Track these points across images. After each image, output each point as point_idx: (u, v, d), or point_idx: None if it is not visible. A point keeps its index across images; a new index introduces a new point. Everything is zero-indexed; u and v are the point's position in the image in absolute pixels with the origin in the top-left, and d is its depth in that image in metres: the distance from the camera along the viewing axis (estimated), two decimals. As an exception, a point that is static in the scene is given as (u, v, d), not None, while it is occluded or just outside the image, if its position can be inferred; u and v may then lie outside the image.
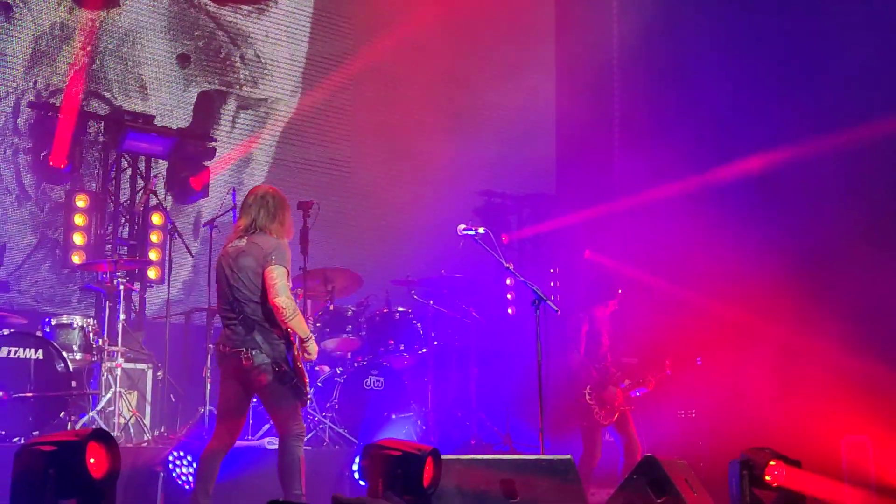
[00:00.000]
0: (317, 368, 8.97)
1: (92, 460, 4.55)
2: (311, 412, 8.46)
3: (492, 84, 12.53)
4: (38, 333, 8.06)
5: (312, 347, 6.14)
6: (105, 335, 8.41)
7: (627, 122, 12.39)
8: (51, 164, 9.67)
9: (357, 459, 7.49)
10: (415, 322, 9.34)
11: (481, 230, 6.95)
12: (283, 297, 5.95)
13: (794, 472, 7.07)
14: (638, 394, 8.14)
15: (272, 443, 7.25)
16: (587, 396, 8.06)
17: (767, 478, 6.89)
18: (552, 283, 11.28)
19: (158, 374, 8.96)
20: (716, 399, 9.94)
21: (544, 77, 13.01)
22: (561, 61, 13.07)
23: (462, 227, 6.94)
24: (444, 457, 5.22)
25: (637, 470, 6.24)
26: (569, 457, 5.84)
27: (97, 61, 10.46)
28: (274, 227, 6.14)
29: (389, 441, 5.35)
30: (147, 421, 8.61)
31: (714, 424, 9.90)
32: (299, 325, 6.06)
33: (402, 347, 9.16)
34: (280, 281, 5.96)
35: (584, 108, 12.41)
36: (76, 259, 9.78)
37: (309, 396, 6.33)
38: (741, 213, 10.30)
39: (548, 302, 6.68)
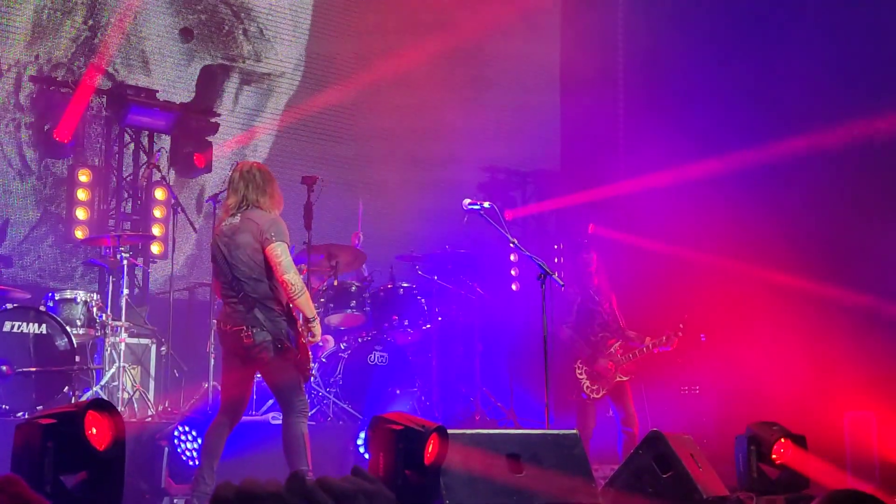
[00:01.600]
0: (320, 343, 8.97)
1: (94, 430, 4.50)
2: (315, 387, 8.46)
3: (496, 60, 12.46)
4: (41, 308, 8.03)
5: (317, 329, 6.12)
6: (108, 310, 8.39)
7: (632, 98, 12.33)
8: (55, 137, 9.61)
9: (362, 434, 7.51)
10: (419, 298, 9.32)
11: (486, 204, 6.92)
12: (291, 274, 5.92)
13: (800, 454, 7.06)
14: (658, 351, 8.06)
15: (276, 418, 7.24)
16: (577, 370, 8.06)
17: (774, 456, 6.89)
18: (556, 260, 11.24)
19: (162, 349, 8.95)
20: (719, 375, 9.94)
21: (549, 53, 12.93)
22: (566, 38, 12.98)
23: (467, 201, 6.91)
24: (449, 431, 5.20)
25: (643, 445, 6.23)
26: (575, 431, 5.83)
27: (99, 35, 10.39)
28: (264, 201, 6.10)
29: (395, 415, 5.33)
30: (151, 396, 8.61)
31: (718, 401, 9.90)
32: (306, 304, 6.04)
33: (406, 323, 9.15)
34: (284, 257, 5.93)
35: (589, 85, 12.35)
36: (79, 234, 9.75)
37: (312, 372, 6.31)
38: (747, 190, 10.26)
39: (553, 276, 6.66)
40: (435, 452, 5.13)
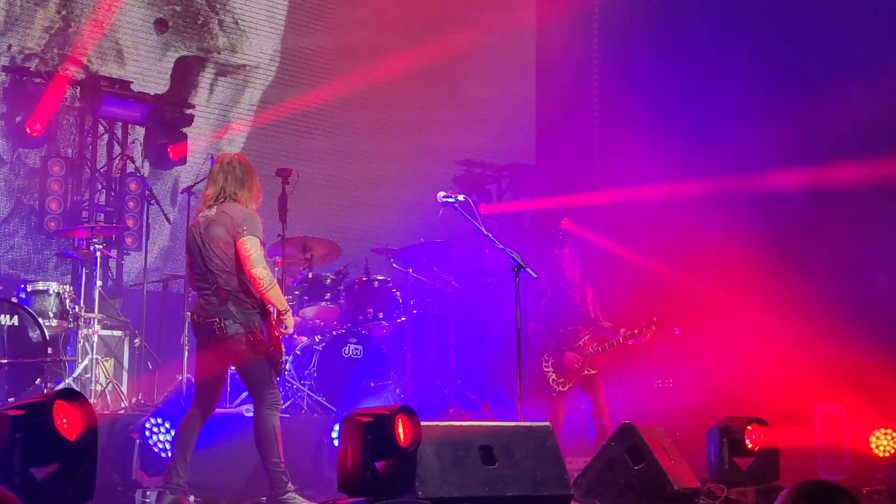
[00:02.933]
0: (295, 337, 8.96)
1: (64, 421, 4.45)
2: (290, 380, 8.45)
3: (472, 54, 12.46)
4: (14, 299, 7.98)
5: (290, 321, 6.11)
6: (81, 302, 8.35)
7: (607, 92, 12.38)
8: (27, 130, 9.55)
9: (336, 427, 7.51)
10: (394, 290, 9.32)
11: (461, 197, 6.93)
12: (259, 268, 5.91)
13: (769, 432, 7.15)
14: (632, 343, 8.10)
15: (250, 410, 7.21)
16: (544, 364, 8.10)
17: (747, 442, 6.95)
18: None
19: (135, 341, 8.91)
20: (693, 369, 10.01)
21: (524, 46, 12.96)
22: (541, 31, 13.01)
23: (442, 194, 6.91)
24: (423, 423, 5.21)
25: (615, 437, 6.28)
26: (547, 424, 5.86)
27: (73, 26, 10.32)
28: (243, 195, 6.09)
29: (365, 409, 5.34)
30: (124, 388, 8.57)
31: (691, 394, 9.98)
32: (276, 297, 6.03)
33: (381, 316, 9.14)
34: (254, 251, 5.92)
35: (565, 79, 12.39)
36: (52, 225, 9.69)
37: (284, 366, 6.30)
38: (719, 186, 10.33)
39: (527, 269, 6.68)
40: (408, 433, 5.12)
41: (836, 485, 2.79)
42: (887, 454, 8.92)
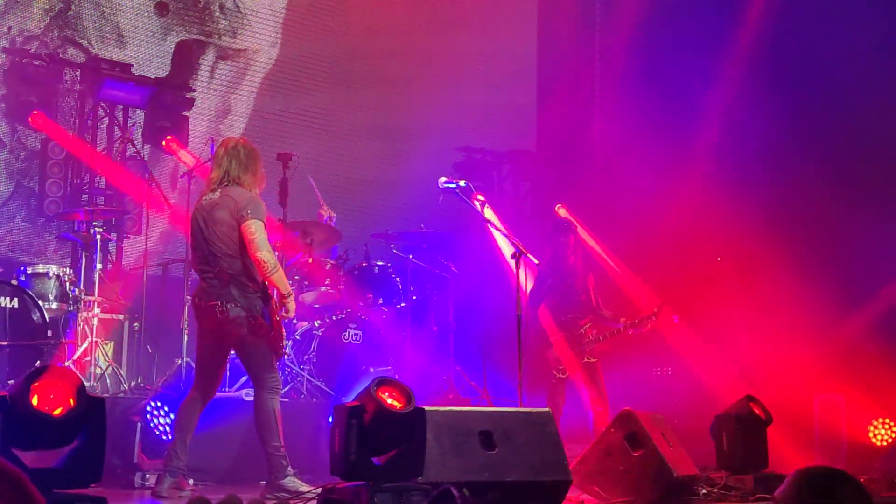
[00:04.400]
0: (294, 322, 8.96)
1: (52, 396, 4.35)
2: (289, 365, 8.46)
3: (472, 39, 12.42)
4: (14, 282, 7.98)
5: (291, 304, 6.13)
6: (81, 285, 8.35)
7: (608, 79, 12.36)
8: (29, 122, 9.55)
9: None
10: (394, 276, 9.32)
11: (462, 183, 6.94)
12: (264, 252, 5.93)
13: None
14: (632, 332, 8.11)
15: (249, 394, 7.24)
16: (545, 350, 8.11)
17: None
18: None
19: (135, 324, 8.91)
20: (692, 357, 10.01)
21: (525, 32, 12.92)
22: (542, 17, 12.98)
23: (443, 179, 6.93)
24: (425, 408, 5.21)
25: (614, 423, 6.28)
26: (547, 409, 5.86)
27: (73, 8, 10.28)
28: (246, 178, 6.10)
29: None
30: (124, 371, 8.58)
31: (690, 382, 9.98)
32: (280, 281, 6.05)
33: (380, 301, 9.15)
34: (259, 235, 5.93)
35: (565, 66, 12.37)
36: (52, 208, 9.67)
37: (285, 350, 6.32)
38: (719, 171, 10.33)
39: (528, 255, 6.68)
40: (399, 397, 5.09)
41: (842, 471, 2.79)
42: (885, 443, 8.96)
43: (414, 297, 9.45)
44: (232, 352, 6.31)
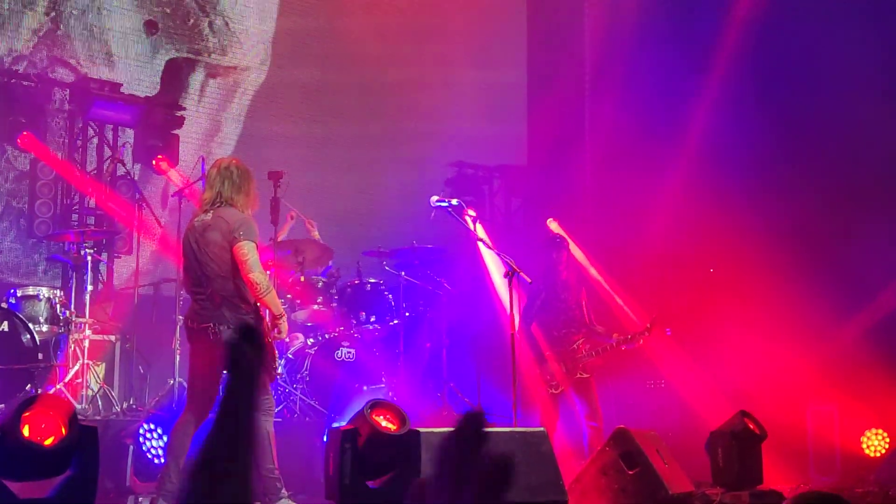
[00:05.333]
0: (286, 340, 8.94)
1: (43, 425, 4.33)
2: (283, 384, 8.43)
3: (462, 54, 12.45)
4: (3, 305, 7.95)
5: (284, 325, 6.12)
6: (72, 306, 8.31)
7: (600, 91, 12.36)
8: (18, 144, 9.52)
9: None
10: (386, 293, 9.31)
11: (454, 202, 6.93)
12: (257, 273, 5.92)
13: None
14: (625, 348, 8.11)
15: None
16: (537, 367, 8.10)
17: None
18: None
19: (127, 345, 8.88)
20: (685, 370, 10.01)
21: (515, 46, 12.96)
22: (532, 31, 13.01)
23: (435, 198, 6.91)
24: (420, 430, 5.20)
25: (609, 442, 6.27)
26: (542, 429, 5.86)
27: (62, 27, 10.26)
28: (239, 199, 6.09)
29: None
30: (116, 393, 8.54)
31: (683, 395, 9.98)
32: (272, 302, 6.04)
33: (373, 319, 9.14)
34: (251, 256, 5.92)
35: (555, 79, 12.38)
36: (42, 229, 9.64)
37: (278, 371, 6.30)
38: (711, 182, 10.33)
39: (520, 274, 6.67)
40: (393, 420, 5.08)
41: (837, 496, 2.79)
42: (878, 454, 8.96)
43: (407, 314, 9.44)
44: (224, 372, 6.28)
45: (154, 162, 10.01)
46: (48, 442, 4.25)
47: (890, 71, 9.66)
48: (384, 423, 5.01)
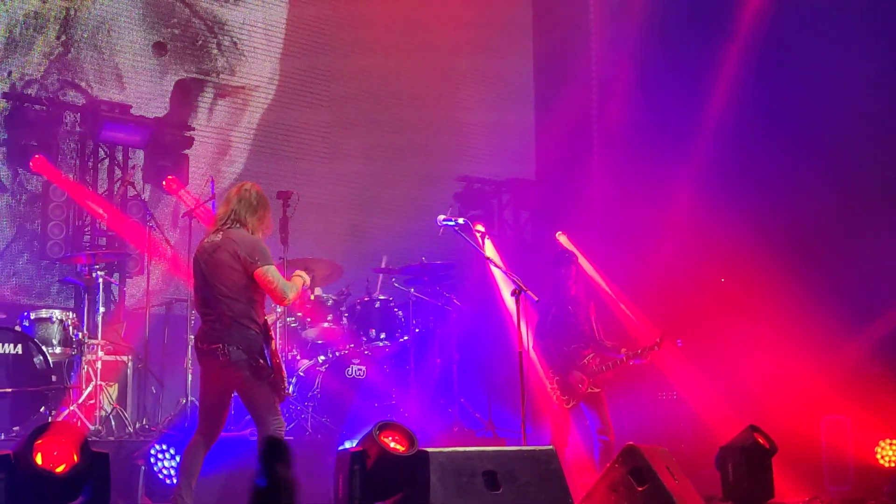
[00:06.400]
0: (298, 359, 8.98)
1: (55, 453, 4.38)
2: (294, 402, 8.46)
3: (470, 68, 12.50)
4: (17, 328, 8.01)
5: (307, 279, 6.35)
6: (85, 328, 8.37)
7: (607, 105, 12.37)
8: (30, 167, 9.60)
9: (346, 444, 7.52)
10: (396, 310, 9.34)
11: (461, 220, 6.94)
12: (290, 295, 6.07)
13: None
14: (634, 363, 8.12)
15: (255, 434, 7.22)
16: (549, 382, 8.10)
17: None
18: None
19: (139, 365, 8.93)
20: (696, 381, 9.99)
21: (522, 60, 12.99)
22: (538, 44, 13.05)
23: (442, 217, 6.92)
24: (428, 450, 5.21)
25: (618, 459, 6.27)
26: (551, 447, 5.86)
27: (72, 51, 10.36)
28: (252, 221, 6.13)
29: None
30: (129, 413, 8.58)
31: (694, 406, 9.96)
32: (302, 296, 6.16)
33: (383, 336, 9.17)
34: (278, 281, 5.99)
35: (563, 92, 12.39)
36: (55, 250, 9.71)
37: (287, 391, 6.33)
38: (720, 192, 10.32)
39: (528, 292, 6.68)
40: (402, 440, 5.10)
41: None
42: (893, 464, 8.92)
43: (416, 331, 9.46)
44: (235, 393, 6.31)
45: (164, 182, 10.07)
46: (60, 469, 4.29)
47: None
48: (392, 445, 5.03)
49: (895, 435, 9.04)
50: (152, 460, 7.07)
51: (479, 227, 8.65)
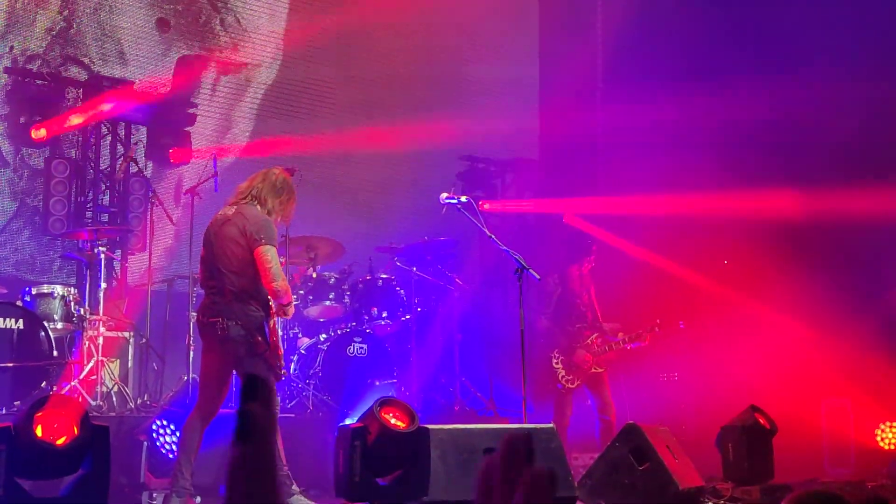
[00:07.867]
0: (299, 337, 8.98)
1: (55, 425, 4.38)
2: (295, 379, 8.47)
3: (474, 49, 12.45)
4: (19, 303, 8.01)
5: (290, 309, 6.20)
6: (86, 304, 8.37)
7: (610, 85, 12.33)
8: (32, 138, 9.57)
9: (347, 421, 7.53)
10: (398, 289, 9.33)
11: (464, 199, 6.93)
12: (280, 282, 5.99)
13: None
14: (632, 347, 8.14)
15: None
16: (553, 360, 8.10)
17: None
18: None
19: (141, 341, 8.93)
20: (698, 363, 10.00)
21: (527, 40, 12.93)
22: (543, 24, 12.99)
23: (445, 195, 6.91)
24: (429, 427, 5.22)
25: (619, 437, 6.28)
26: (551, 425, 5.87)
27: (75, 26, 10.31)
28: (272, 203, 6.15)
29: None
30: (130, 389, 8.59)
31: (696, 388, 9.97)
32: (289, 311, 6.10)
33: (385, 314, 9.17)
34: (274, 264, 5.98)
35: (567, 72, 12.34)
36: (57, 226, 9.70)
37: (283, 371, 6.32)
38: (724, 174, 10.29)
39: (530, 270, 6.68)
40: (402, 417, 5.11)
41: (837, 495, 2.79)
42: (893, 447, 8.94)
43: (419, 310, 9.46)
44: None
45: (170, 153, 10.08)
46: (60, 441, 4.30)
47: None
48: (393, 421, 5.04)
49: (896, 418, 9.06)
50: (154, 436, 7.08)
51: (485, 206, 8.63)
